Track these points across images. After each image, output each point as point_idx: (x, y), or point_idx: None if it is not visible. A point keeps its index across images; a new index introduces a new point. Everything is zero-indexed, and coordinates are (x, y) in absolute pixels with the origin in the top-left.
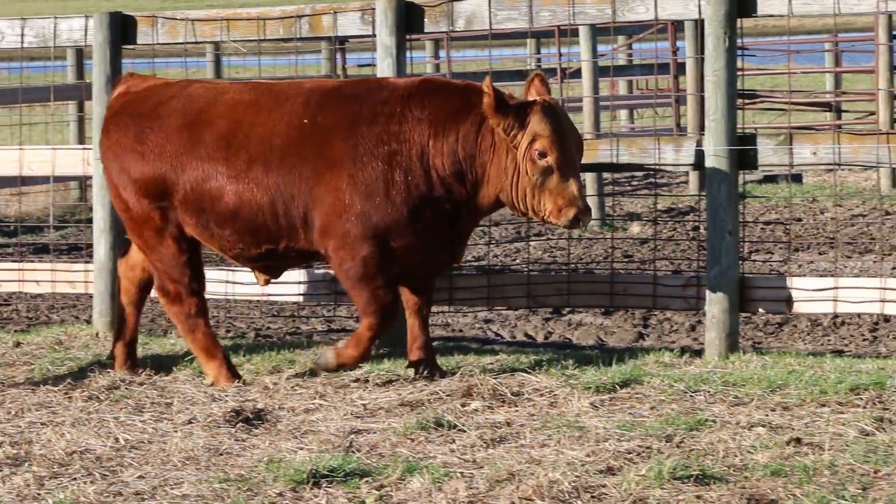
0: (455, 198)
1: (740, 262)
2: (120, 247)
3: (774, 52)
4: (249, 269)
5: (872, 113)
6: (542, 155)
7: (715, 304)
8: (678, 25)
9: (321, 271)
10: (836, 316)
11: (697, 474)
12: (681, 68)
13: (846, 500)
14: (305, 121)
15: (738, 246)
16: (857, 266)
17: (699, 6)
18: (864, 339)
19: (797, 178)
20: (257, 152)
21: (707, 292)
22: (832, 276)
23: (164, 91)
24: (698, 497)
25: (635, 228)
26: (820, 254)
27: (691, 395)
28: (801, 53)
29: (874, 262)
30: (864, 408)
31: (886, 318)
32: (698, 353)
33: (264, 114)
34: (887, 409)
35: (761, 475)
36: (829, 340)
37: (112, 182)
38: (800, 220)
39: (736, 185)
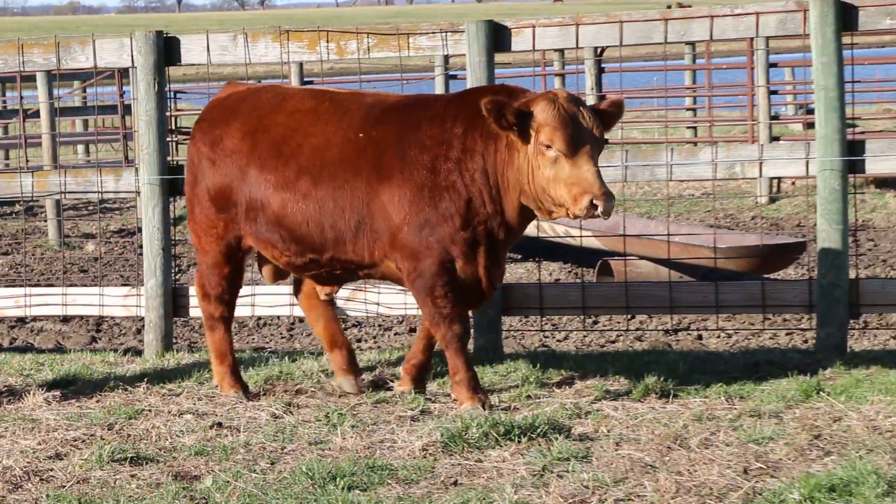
0: (486, 201)
1: (178, 274)
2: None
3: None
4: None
5: None
6: (548, 146)
7: (152, 311)
8: (125, 72)
9: None
10: (259, 318)
11: (133, 456)
12: (129, 109)
13: (257, 472)
14: (361, 135)
15: (170, 261)
16: None
17: (132, 56)
18: (283, 337)
19: None
20: (308, 163)
21: (145, 300)
22: (251, 284)
23: (239, 98)
24: (133, 476)
25: (90, 247)
26: (248, 266)
27: (131, 389)
28: None
29: None
30: (276, 395)
31: (300, 319)
32: (140, 353)
33: (321, 124)
34: (296, 395)
35: (187, 455)
36: (253, 339)
37: (188, 186)
38: None
39: (167, 209)
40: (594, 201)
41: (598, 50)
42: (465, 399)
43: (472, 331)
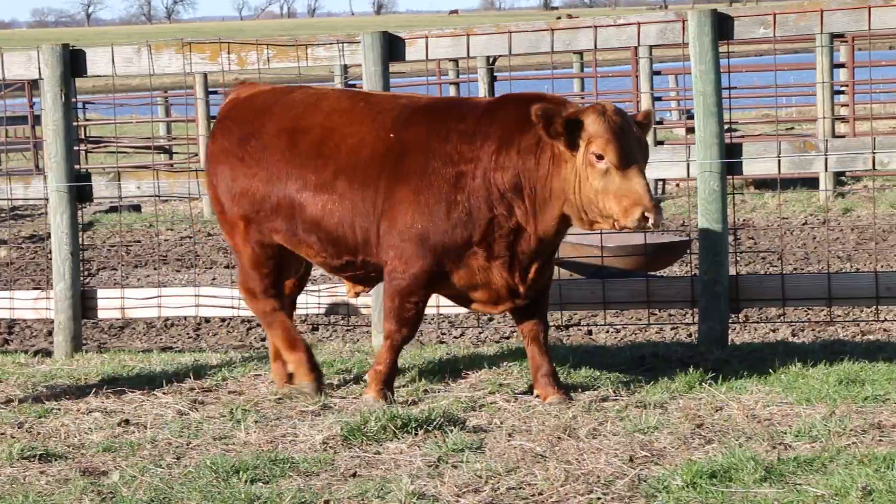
0: (515, 215)
1: (88, 277)
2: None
3: (109, 104)
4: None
5: (196, 154)
6: (600, 157)
7: (61, 313)
8: (36, 83)
9: None
10: (167, 319)
11: (42, 453)
12: (39, 119)
13: (163, 467)
14: (392, 135)
15: (79, 265)
16: (185, 278)
17: (39, 68)
18: (190, 337)
19: (137, 208)
20: (345, 163)
21: (54, 303)
22: (158, 286)
23: (268, 97)
24: (42, 472)
25: (2, 252)
26: (155, 269)
27: (42, 388)
28: (139, 106)
29: (198, 274)
30: (182, 393)
31: (207, 320)
32: (50, 354)
33: (356, 125)
34: (202, 392)
35: (95, 451)
36: (161, 339)
37: (212, 184)
38: (139, 241)
39: (75, 215)
40: (646, 213)
41: (491, 59)
42: (372, 389)
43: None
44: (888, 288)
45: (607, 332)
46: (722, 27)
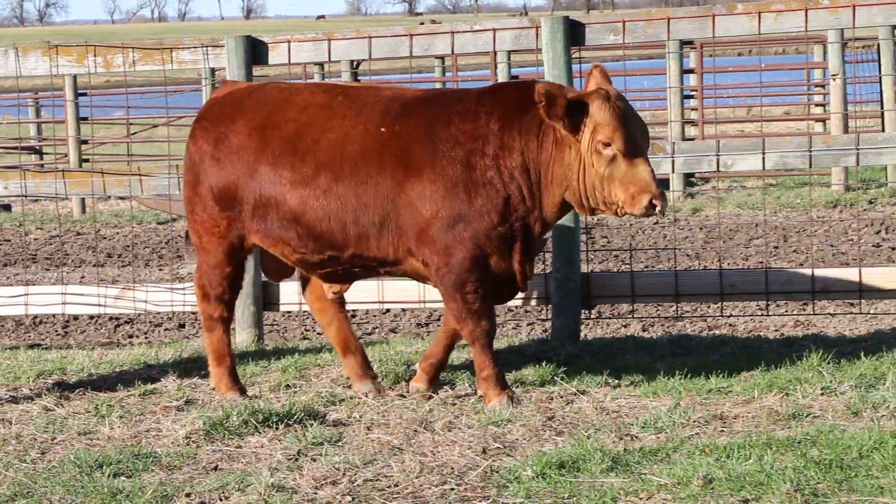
0: (524, 197)
1: None
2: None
3: None
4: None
5: (66, 154)
6: (606, 144)
7: None
8: None
9: None
10: (35, 317)
11: None
12: None
13: (27, 462)
14: (383, 129)
15: None
16: (54, 276)
17: None
18: (58, 335)
19: (7, 208)
20: (327, 158)
21: None
22: (25, 285)
23: (242, 94)
24: None
25: None
26: (25, 267)
27: None
28: (10, 107)
29: (66, 273)
30: (48, 389)
31: (75, 317)
32: None
33: (337, 119)
34: (69, 388)
35: None
36: (29, 336)
37: (189, 183)
38: (9, 240)
39: None
40: (653, 201)
41: (355, 63)
42: (493, 396)
43: (495, 327)
44: (732, 285)
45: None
46: (574, 33)
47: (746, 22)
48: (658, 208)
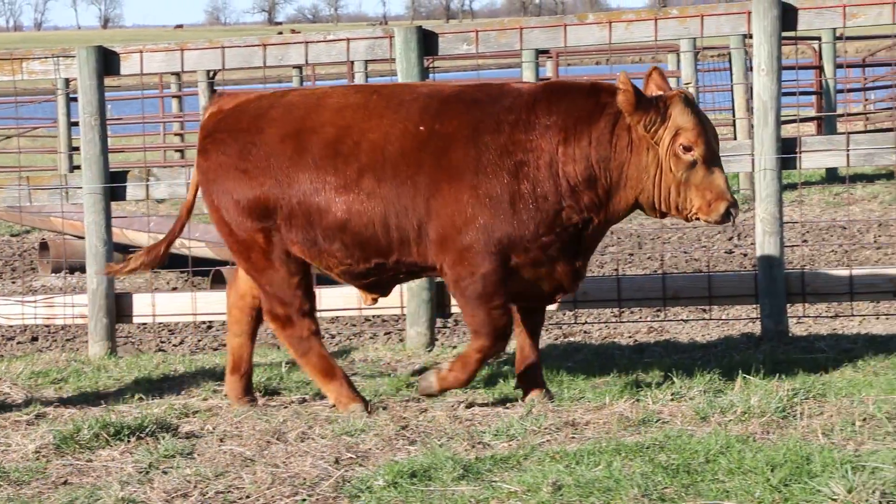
0: (585, 206)
1: None
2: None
3: None
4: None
5: None
6: (688, 149)
7: None
8: None
9: None
10: None
11: None
12: None
13: None
14: (422, 128)
15: None
16: None
17: None
18: None
19: None
20: (369, 160)
21: None
22: None
23: (260, 103)
24: None
25: None
26: None
27: None
28: None
29: None
30: None
31: None
32: None
33: (375, 119)
34: None
35: None
36: None
37: (213, 205)
38: None
39: None
40: (731, 209)
41: (211, 73)
42: (436, 383)
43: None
44: (585, 293)
45: (323, 337)
46: (428, 43)
47: (598, 31)
48: (734, 217)
